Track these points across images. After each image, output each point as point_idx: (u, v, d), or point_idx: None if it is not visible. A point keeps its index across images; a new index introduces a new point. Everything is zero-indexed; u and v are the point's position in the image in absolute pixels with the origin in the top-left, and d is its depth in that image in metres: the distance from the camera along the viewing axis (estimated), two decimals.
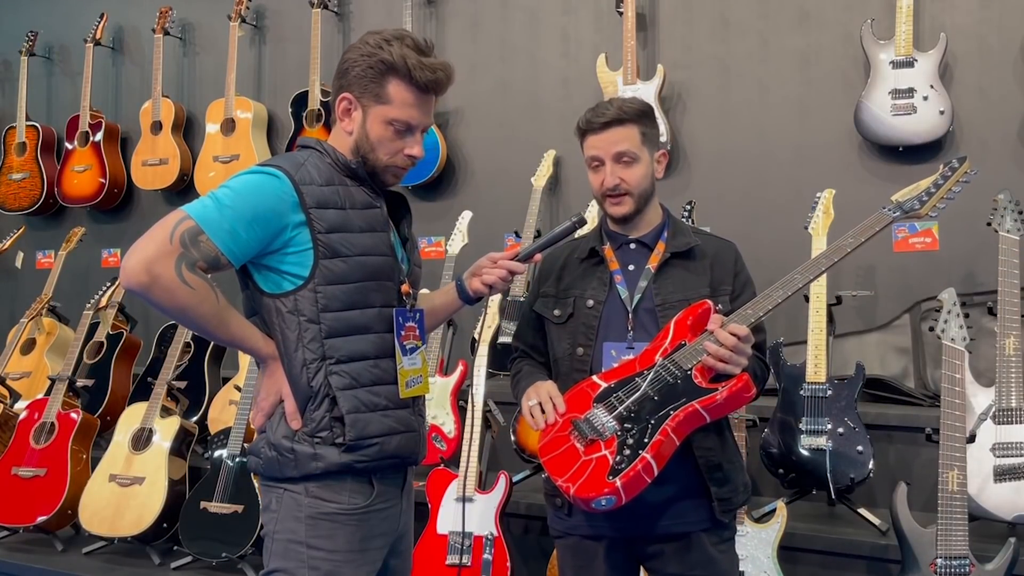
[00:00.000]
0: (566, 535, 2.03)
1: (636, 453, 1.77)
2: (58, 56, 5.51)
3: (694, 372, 1.82)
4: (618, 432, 1.81)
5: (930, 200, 1.96)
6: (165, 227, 1.62)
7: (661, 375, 1.84)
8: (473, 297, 2.02)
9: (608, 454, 1.80)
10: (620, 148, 1.97)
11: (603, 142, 1.99)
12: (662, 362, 1.86)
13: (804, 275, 1.89)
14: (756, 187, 3.79)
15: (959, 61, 3.52)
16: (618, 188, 1.98)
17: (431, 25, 4.50)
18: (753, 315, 1.84)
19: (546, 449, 1.88)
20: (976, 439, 2.59)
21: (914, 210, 1.95)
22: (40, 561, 3.48)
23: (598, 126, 1.98)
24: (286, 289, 1.73)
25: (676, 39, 4.02)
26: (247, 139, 4.58)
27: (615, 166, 1.98)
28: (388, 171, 1.83)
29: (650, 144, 2.02)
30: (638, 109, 2.01)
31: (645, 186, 2.01)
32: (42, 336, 4.43)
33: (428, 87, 1.79)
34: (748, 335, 1.82)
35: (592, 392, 1.89)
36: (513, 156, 4.20)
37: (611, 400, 1.86)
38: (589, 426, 1.84)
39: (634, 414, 1.82)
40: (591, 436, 1.83)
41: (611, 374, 1.91)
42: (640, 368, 1.88)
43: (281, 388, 1.75)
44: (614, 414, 1.84)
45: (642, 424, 1.81)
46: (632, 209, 2.00)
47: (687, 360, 1.84)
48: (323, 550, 1.72)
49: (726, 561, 1.99)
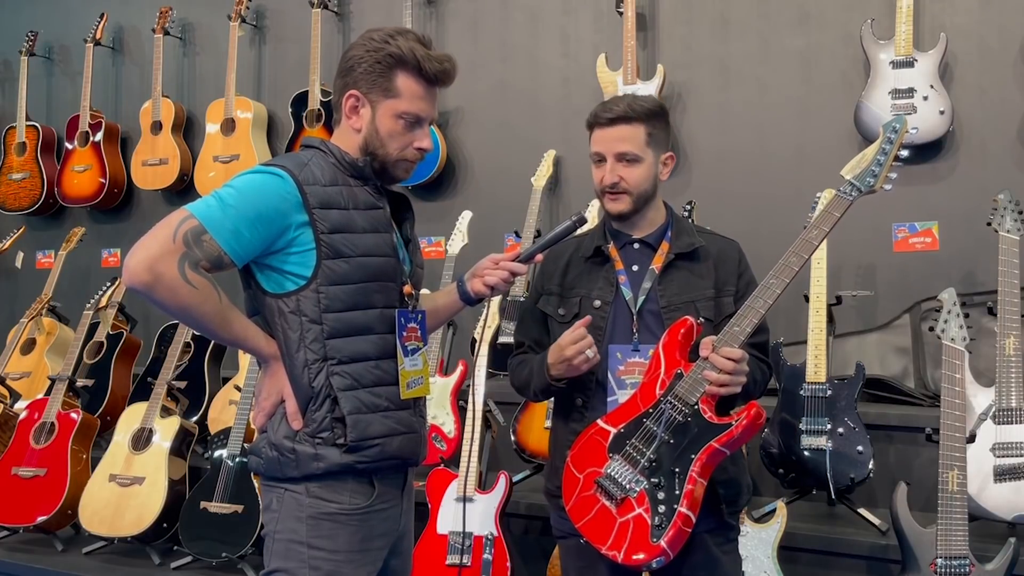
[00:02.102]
0: (569, 536, 2.02)
1: (672, 508, 1.77)
2: (58, 56, 5.51)
3: (701, 406, 1.81)
4: (646, 487, 1.80)
5: (882, 171, 1.88)
6: (168, 226, 1.63)
7: (670, 415, 1.82)
8: (474, 298, 2.02)
9: (643, 513, 1.79)
10: (622, 148, 1.96)
11: (607, 138, 1.98)
12: (667, 399, 1.84)
13: (780, 278, 1.85)
14: (756, 187, 3.79)
15: (959, 61, 3.52)
16: (617, 186, 1.97)
17: (431, 25, 4.50)
18: (741, 332, 1.82)
19: (577, 514, 1.87)
20: (976, 439, 2.59)
21: (869, 187, 1.88)
22: (40, 561, 3.48)
23: (604, 121, 1.98)
24: (288, 289, 1.73)
25: (676, 39, 4.03)
26: (247, 139, 4.58)
27: (616, 164, 1.97)
28: (399, 165, 1.83)
29: (656, 145, 2.00)
30: (648, 109, 1.98)
31: (645, 187, 1.99)
32: (42, 336, 4.43)
33: (436, 79, 1.80)
34: (743, 356, 1.81)
35: (603, 441, 1.88)
36: (513, 156, 4.20)
37: (627, 450, 1.84)
38: (614, 484, 1.83)
39: (655, 463, 1.81)
40: (620, 495, 1.82)
41: (616, 416, 1.89)
42: (644, 407, 1.86)
43: (282, 388, 1.75)
44: (638, 468, 1.82)
45: (668, 474, 1.79)
46: (629, 208, 1.99)
47: (691, 394, 1.82)
48: (324, 550, 1.73)
49: (729, 562, 1.99)
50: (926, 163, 3.50)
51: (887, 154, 1.88)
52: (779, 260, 1.87)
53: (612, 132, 1.97)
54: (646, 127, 1.97)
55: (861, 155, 1.92)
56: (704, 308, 1.97)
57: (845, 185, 1.91)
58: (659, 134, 2.00)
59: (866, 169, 1.89)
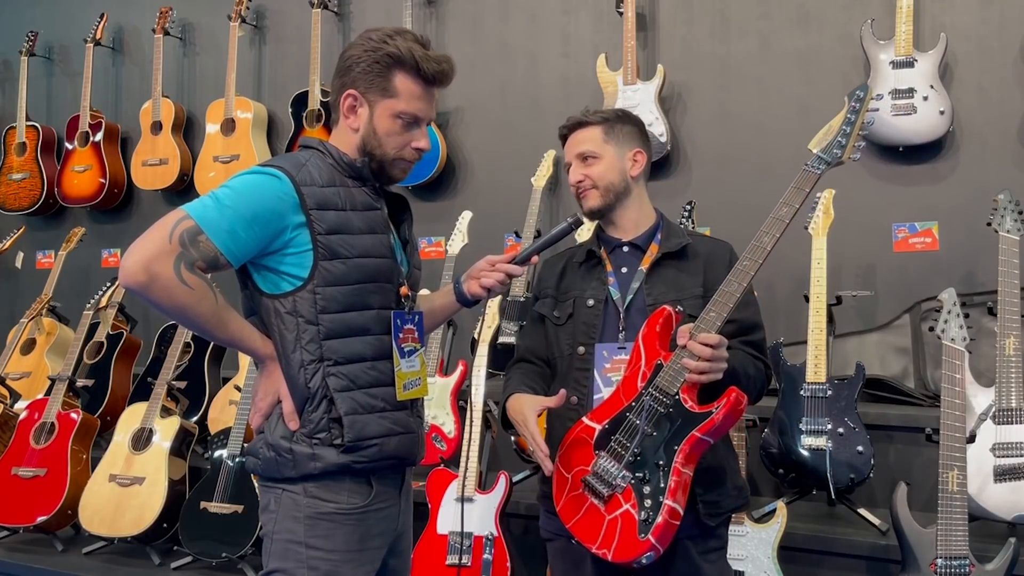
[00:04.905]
0: (556, 537, 2.03)
1: (658, 502, 1.76)
2: (58, 56, 5.51)
3: (682, 396, 1.81)
4: (632, 482, 1.80)
5: (848, 141, 1.86)
6: (164, 226, 1.62)
7: (651, 407, 1.82)
8: (471, 300, 2.02)
9: (630, 508, 1.78)
10: (581, 148, 2.08)
11: (569, 144, 2.12)
12: (647, 391, 1.84)
13: (753, 259, 1.83)
14: (756, 187, 3.79)
15: (959, 61, 3.52)
16: (582, 184, 2.07)
17: (431, 25, 4.50)
18: (717, 317, 1.81)
19: (567, 514, 1.87)
20: (976, 439, 2.59)
21: (837, 159, 1.86)
22: (40, 561, 3.48)
23: (565, 131, 2.13)
24: (285, 290, 1.72)
25: (676, 39, 4.02)
26: (247, 139, 4.58)
27: (579, 164, 2.09)
28: (396, 165, 1.83)
29: (616, 142, 2.08)
30: (604, 114, 2.11)
31: (610, 179, 2.05)
32: (42, 336, 4.43)
33: (434, 79, 1.81)
34: (721, 340, 1.80)
35: (589, 438, 1.88)
36: (513, 156, 4.20)
37: (612, 446, 1.84)
38: (601, 481, 1.83)
39: (639, 457, 1.81)
40: (607, 492, 1.82)
41: (600, 413, 1.89)
42: (627, 400, 1.86)
43: (279, 388, 1.75)
44: (623, 463, 1.81)
45: (652, 467, 1.79)
46: (599, 203, 2.06)
47: (671, 384, 1.81)
48: (322, 550, 1.72)
49: (714, 572, 1.96)
50: (926, 163, 3.50)
51: (852, 124, 1.87)
52: (751, 241, 1.87)
53: (572, 139, 2.11)
54: (602, 128, 2.08)
55: (827, 127, 1.90)
56: (691, 306, 1.96)
57: (812, 159, 1.89)
58: (619, 133, 2.09)
59: (832, 140, 1.88)
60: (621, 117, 2.12)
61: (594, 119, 2.09)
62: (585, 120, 2.09)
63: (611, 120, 2.09)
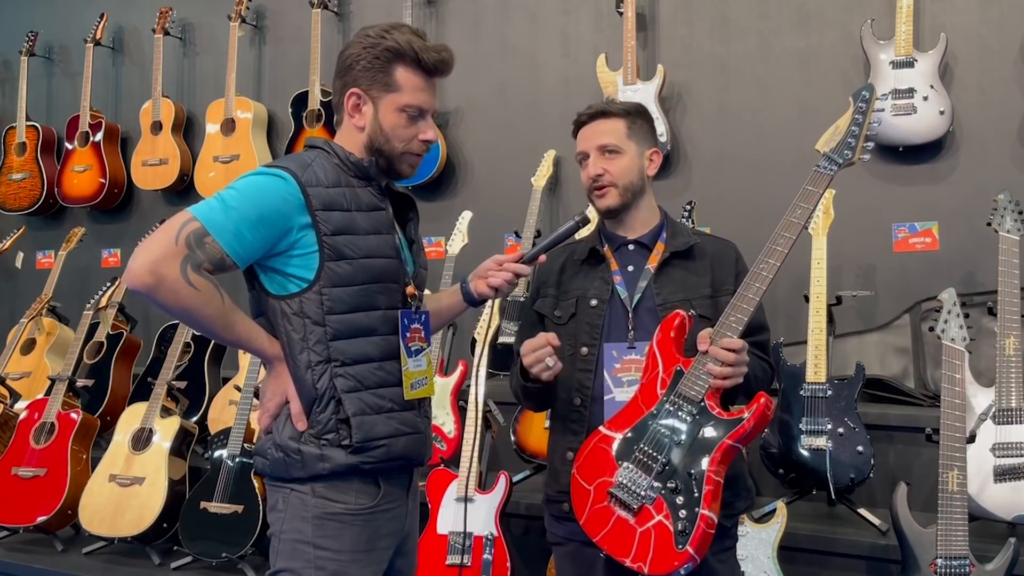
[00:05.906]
0: (566, 541, 2.01)
1: (694, 512, 1.72)
2: (58, 56, 5.50)
3: (707, 403, 1.78)
4: (663, 492, 1.76)
5: (858, 142, 1.84)
6: (171, 228, 1.63)
7: (677, 414, 1.79)
8: (478, 299, 2.02)
9: (664, 520, 1.74)
10: (603, 140, 1.99)
11: (588, 134, 2.02)
12: (670, 398, 1.81)
13: (769, 261, 1.81)
14: (756, 187, 3.79)
15: (959, 61, 3.52)
16: (601, 179, 1.99)
17: (431, 25, 4.50)
18: (738, 321, 1.79)
19: (593, 527, 1.82)
20: (976, 439, 2.59)
21: (848, 159, 1.84)
22: (40, 561, 3.48)
23: (585, 119, 2.03)
24: (291, 291, 1.73)
25: (676, 39, 4.03)
26: (247, 139, 4.58)
27: (599, 157, 2.00)
28: (404, 159, 1.83)
29: (638, 139, 2.02)
30: (626, 107, 2.03)
31: (631, 179, 2.00)
32: (42, 336, 4.42)
33: (435, 69, 1.81)
34: (743, 345, 1.79)
35: (608, 448, 1.83)
36: (513, 156, 4.20)
37: (636, 456, 1.80)
38: (629, 493, 1.78)
39: (668, 467, 1.77)
40: (636, 504, 1.77)
41: (619, 421, 1.85)
42: (647, 408, 1.82)
43: (287, 389, 1.75)
44: (651, 474, 1.77)
45: (684, 477, 1.75)
46: (617, 202, 2.00)
47: (695, 391, 1.79)
48: (329, 550, 1.73)
49: (725, 571, 1.95)
50: (926, 163, 3.51)
51: (860, 124, 1.85)
52: (766, 244, 1.84)
53: (592, 128, 2.02)
54: (625, 121, 2.01)
55: (833, 127, 1.88)
56: (700, 306, 1.96)
57: (822, 159, 1.86)
58: (640, 129, 2.03)
59: (842, 141, 1.85)
60: (641, 113, 2.05)
61: (617, 110, 2.01)
62: (608, 110, 2.01)
63: (633, 115, 2.02)
